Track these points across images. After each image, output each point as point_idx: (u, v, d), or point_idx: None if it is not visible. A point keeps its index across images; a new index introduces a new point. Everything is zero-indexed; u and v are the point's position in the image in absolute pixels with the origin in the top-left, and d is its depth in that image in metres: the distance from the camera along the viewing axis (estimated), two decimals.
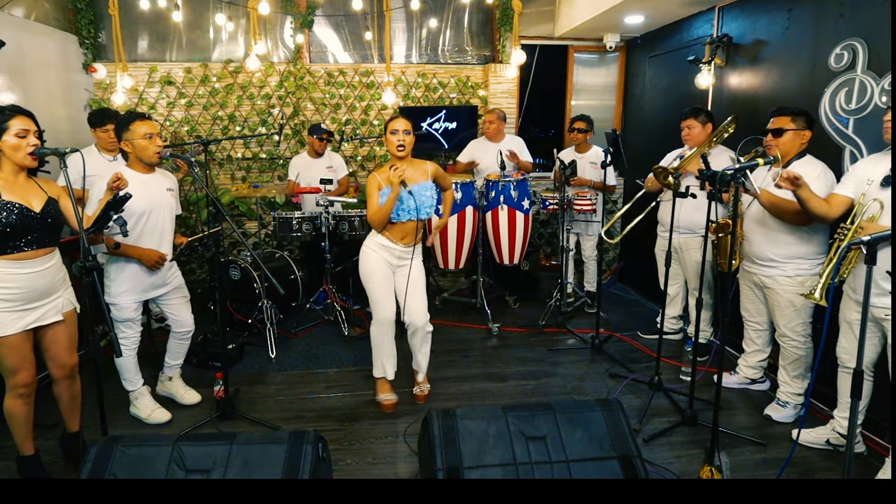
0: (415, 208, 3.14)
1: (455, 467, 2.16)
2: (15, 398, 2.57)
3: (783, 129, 3.06)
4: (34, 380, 2.60)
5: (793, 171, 2.74)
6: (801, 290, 3.09)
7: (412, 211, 3.15)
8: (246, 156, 5.80)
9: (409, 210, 3.15)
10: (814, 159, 3.06)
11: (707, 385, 3.69)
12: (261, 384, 3.79)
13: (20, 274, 2.46)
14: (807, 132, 3.04)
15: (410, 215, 3.16)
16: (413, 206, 3.14)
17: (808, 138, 3.05)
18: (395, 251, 3.25)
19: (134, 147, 2.99)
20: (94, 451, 2.09)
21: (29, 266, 2.48)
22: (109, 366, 3.37)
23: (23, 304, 2.49)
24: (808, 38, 3.52)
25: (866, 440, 2.98)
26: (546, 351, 4.32)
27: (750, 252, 3.29)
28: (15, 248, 2.43)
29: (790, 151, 3.08)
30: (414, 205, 3.14)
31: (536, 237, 6.31)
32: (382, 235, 3.24)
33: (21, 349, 2.51)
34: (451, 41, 6.07)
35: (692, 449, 3.02)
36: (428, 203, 3.18)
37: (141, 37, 5.61)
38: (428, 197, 3.19)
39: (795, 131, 3.03)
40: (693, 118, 3.88)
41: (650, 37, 5.58)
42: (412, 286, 3.31)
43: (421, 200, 3.15)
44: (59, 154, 2.33)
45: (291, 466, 2.06)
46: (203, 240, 3.19)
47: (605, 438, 2.28)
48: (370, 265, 3.26)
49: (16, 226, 2.40)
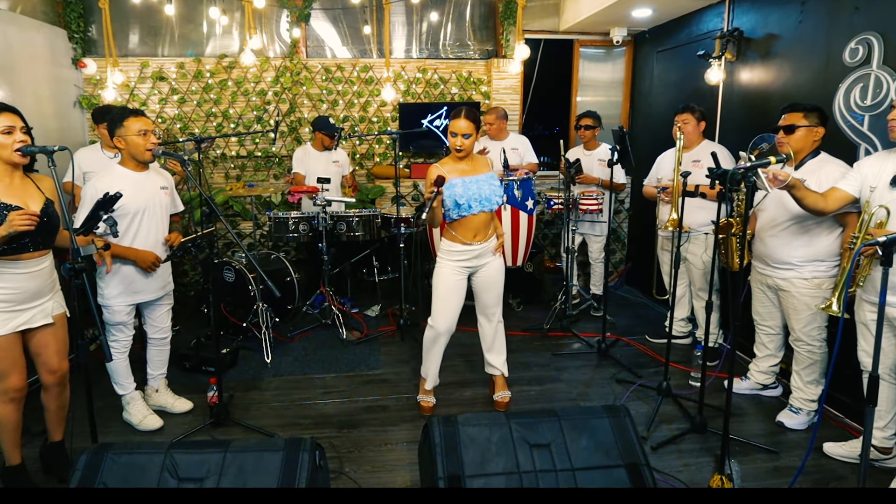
0: (485, 198, 3.16)
1: (457, 476, 2.16)
2: (5, 403, 2.56)
3: (795, 125, 3.06)
4: (25, 385, 2.60)
5: (775, 171, 2.75)
6: (818, 292, 3.08)
7: (483, 201, 3.16)
8: (241, 154, 5.81)
9: (480, 200, 3.15)
10: (830, 157, 3.05)
11: (717, 391, 3.68)
12: (256, 390, 3.79)
13: (13, 274, 2.48)
14: (820, 129, 3.04)
15: (482, 206, 3.16)
16: (483, 196, 3.15)
17: (821, 135, 3.05)
18: (471, 252, 3.24)
19: (127, 143, 3.00)
20: (84, 459, 2.09)
21: (23, 266, 2.50)
22: (99, 371, 3.38)
23: (13, 305, 2.50)
24: (821, 32, 3.53)
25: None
26: (550, 356, 4.32)
27: (764, 254, 3.28)
28: (11, 249, 2.45)
29: (803, 149, 3.07)
30: (483, 195, 3.15)
31: (541, 238, 6.32)
32: (448, 239, 3.25)
33: (11, 352, 2.52)
34: (452, 35, 6.08)
35: (702, 457, 3.02)
36: (495, 192, 3.20)
37: (132, 31, 5.63)
38: (494, 186, 3.21)
39: (808, 128, 3.03)
40: (689, 113, 3.96)
41: (658, 31, 5.58)
42: (492, 283, 3.34)
43: (491, 191, 3.18)
44: (46, 152, 2.33)
45: (287, 475, 2.06)
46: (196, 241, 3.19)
47: (611, 446, 2.28)
48: (438, 276, 3.30)
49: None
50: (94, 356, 3.79)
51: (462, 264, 3.26)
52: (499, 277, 3.38)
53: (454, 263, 3.26)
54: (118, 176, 3.01)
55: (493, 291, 3.38)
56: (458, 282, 3.29)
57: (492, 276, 3.34)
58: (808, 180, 2.98)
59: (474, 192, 3.14)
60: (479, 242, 3.24)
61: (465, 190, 3.13)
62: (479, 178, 3.18)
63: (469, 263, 3.27)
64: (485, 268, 3.31)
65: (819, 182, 2.96)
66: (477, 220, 3.19)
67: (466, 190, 3.13)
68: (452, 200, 3.14)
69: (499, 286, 3.39)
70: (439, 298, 3.30)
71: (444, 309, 3.29)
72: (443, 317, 3.30)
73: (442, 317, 3.30)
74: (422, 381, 3.52)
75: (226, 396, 3.45)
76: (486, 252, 3.28)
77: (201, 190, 3.03)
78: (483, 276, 3.33)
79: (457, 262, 3.26)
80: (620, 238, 6.38)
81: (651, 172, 4.37)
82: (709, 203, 3.77)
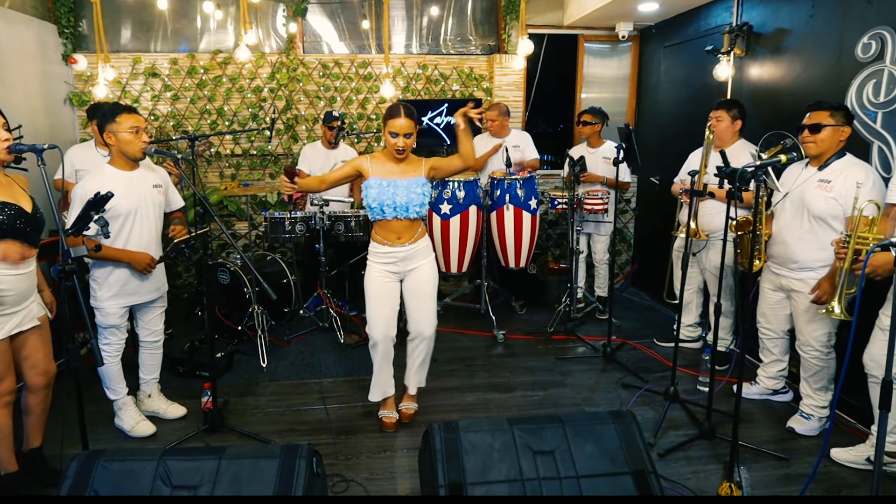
0: (401, 205, 3.07)
1: (458, 483, 2.16)
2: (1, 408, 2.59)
3: (822, 124, 3.01)
4: (16, 388, 2.64)
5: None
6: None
7: (399, 209, 3.07)
8: (236, 152, 5.82)
9: (395, 207, 3.07)
10: (856, 159, 3.03)
11: (726, 396, 3.67)
12: (251, 395, 3.80)
13: (10, 276, 2.51)
14: (846, 128, 3.01)
15: (397, 213, 3.08)
16: (400, 204, 3.07)
17: (847, 135, 3.02)
18: (397, 254, 3.16)
19: (118, 140, 3.00)
20: (75, 466, 2.10)
21: (15, 268, 2.53)
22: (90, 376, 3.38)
23: (6, 308, 2.53)
24: (833, 26, 3.53)
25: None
26: (555, 360, 4.32)
27: (780, 255, 3.27)
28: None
29: (828, 150, 3.05)
30: (398, 202, 3.07)
31: (544, 239, 6.32)
32: (373, 239, 3.20)
33: (6, 356, 2.56)
34: (453, 30, 6.09)
35: (710, 464, 3.02)
36: (416, 200, 3.08)
37: (124, 26, 5.64)
38: (417, 194, 3.08)
39: (835, 127, 3.00)
40: (723, 110, 3.86)
41: (665, 25, 5.59)
42: (419, 292, 3.22)
43: (409, 199, 3.07)
44: (36, 151, 2.34)
45: (284, 482, 2.07)
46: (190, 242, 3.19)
47: (617, 453, 2.28)
48: (367, 279, 3.22)
49: (15, 227, 2.48)
50: (85, 360, 3.80)
51: (388, 268, 3.18)
52: (427, 286, 3.23)
53: (380, 266, 3.19)
54: (108, 176, 3.01)
55: (419, 300, 3.22)
56: (386, 284, 3.19)
57: (418, 283, 3.21)
58: (833, 183, 2.99)
59: (388, 198, 3.05)
60: (402, 244, 3.15)
61: (379, 193, 3.06)
62: (399, 183, 3.08)
63: (396, 268, 3.19)
64: (414, 273, 3.21)
65: (845, 186, 2.95)
66: (395, 224, 3.12)
67: (381, 194, 3.06)
68: (367, 202, 3.10)
69: (426, 296, 3.23)
70: (370, 306, 3.20)
71: (377, 315, 3.19)
72: (375, 324, 3.19)
73: (375, 324, 3.20)
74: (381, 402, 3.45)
75: (220, 402, 3.45)
76: (414, 255, 3.18)
77: (195, 189, 3.04)
78: (410, 283, 3.23)
79: (382, 264, 3.18)
80: (626, 238, 6.39)
81: (681, 169, 4.31)
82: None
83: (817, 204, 3.03)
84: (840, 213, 2.97)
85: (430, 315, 3.27)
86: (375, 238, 3.19)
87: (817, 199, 3.03)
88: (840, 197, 2.96)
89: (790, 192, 3.20)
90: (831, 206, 2.99)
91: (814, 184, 3.07)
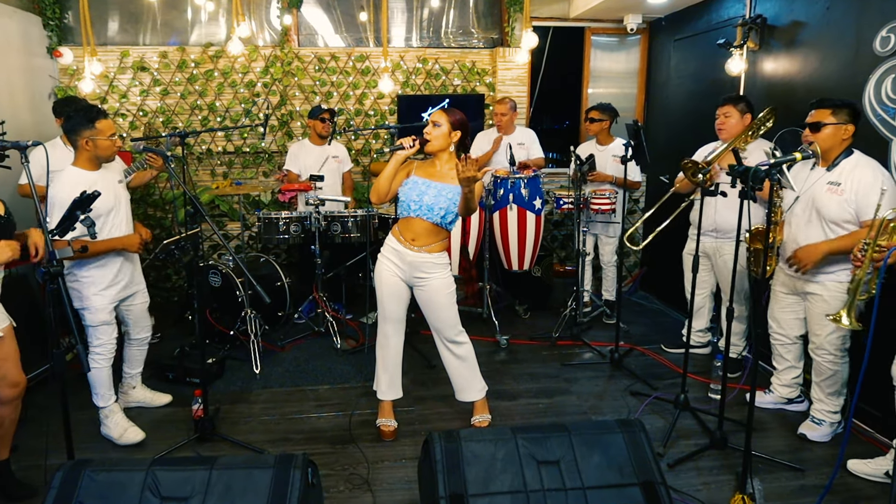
0: (426, 205, 3.10)
1: (459, 495, 2.16)
2: None
3: (822, 123, 3.04)
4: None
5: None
6: None
7: (423, 207, 3.11)
8: (228, 150, 5.83)
9: (420, 205, 3.11)
10: (864, 158, 3.04)
11: (739, 404, 3.68)
12: (244, 402, 3.80)
13: None
14: (849, 126, 3.03)
15: (420, 212, 3.12)
16: (426, 203, 3.11)
17: (850, 133, 3.04)
18: (404, 256, 3.18)
19: (96, 146, 3.03)
20: (60, 476, 2.10)
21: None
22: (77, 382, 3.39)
23: None
24: (850, 18, 3.53)
25: None
26: (560, 366, 4.32)
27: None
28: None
29: (832, 148, 3.07)
30: (424, 201, 3.11)
31: (549, 240, 6.33)
32: (392, 234, 3.25)
33: None
34: (455, 23, 6.10)
35: (722, 475, 3.02)
36: (442, 204, 3.11)
37: (111, 18, 5.66)
38: (446, 199, 3.11)
39: (836, 126, 3.03)
40: (731, 105, 3.85)
41: (675, 18, 5.60)
42: (435, 305, 3.25)
43: (435, 200, 3.11)
44: (19, 148, 2.35)
45: (277, 494, 2.07)
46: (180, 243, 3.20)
47: (625, 463, 2.28)
48: (377, 273, 3.29)
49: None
50: (70, 366, 3.80)
51: (395, 265, 3.24)
52: (442, 298, 3.24)
53: (388, 262, 3.26)
54: (76, 178, 3.02)
55: (436, 313, 3.28)
56: (392, 276, 3.25)
57: (431, 296, 3.24)
58: (843, 185, 3.00)
59: (417, 195, 3.12)
60: (414, 248, 3.17)
61: (411, 189, 3.15)
62: (433, 184, 3.13)
63: (400, 269, 3.23)
64: (425, 285, 3.24)
65: (853, 186, 2.97)
66: (416, 224, 3.16)
67: (412, 190, 3.14)
68: (400, 197, 3.20)
69: (444, 308, 3.27)
70: (378, 291, 3.31)
71: (384, 304, 3.30)
72: (385, 317, 3.32)
73: (384, 317, 3.32)
74: (380, 404, 3.47)
75: (212, 410, 3.46)
76: (422, 264, 3.19)
77: (185, 188, 3.04)
78: (423, 296, 3.28)
79: (390, 259, 3.25)
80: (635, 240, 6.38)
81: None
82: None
83: (830, 209, 3.04)
84: (853, 216, 2.99)
85: (451, 326, 3.31)
86: (394, 232, 3.26)
87: (830, 203, 3.05)
88: (851, 199, 2.98)
89: (800, 195, 3.21)
90: (844, 210, 3.01)
91: (824, 186, 3.09)
